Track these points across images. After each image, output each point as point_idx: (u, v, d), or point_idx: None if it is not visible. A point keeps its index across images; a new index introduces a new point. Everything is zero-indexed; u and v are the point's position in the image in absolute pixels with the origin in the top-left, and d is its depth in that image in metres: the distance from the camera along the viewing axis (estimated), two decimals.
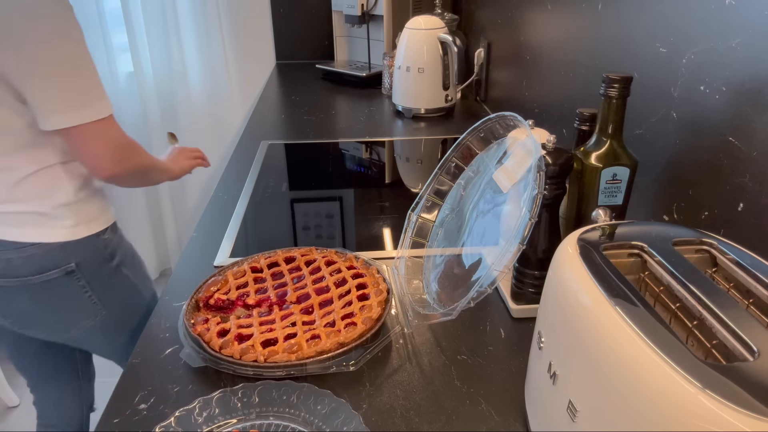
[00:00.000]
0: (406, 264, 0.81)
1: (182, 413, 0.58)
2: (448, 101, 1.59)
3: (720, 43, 0.61)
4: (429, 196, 0.83)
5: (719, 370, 0.33)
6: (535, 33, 1.22)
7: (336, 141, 1.43)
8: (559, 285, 0.47)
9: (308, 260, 0.81)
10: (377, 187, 1.19)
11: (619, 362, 0.37)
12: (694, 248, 0.48)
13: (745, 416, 0.30)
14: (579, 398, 0.42)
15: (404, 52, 1.55)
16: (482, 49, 1.63)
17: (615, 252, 0.48)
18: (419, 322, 0.70)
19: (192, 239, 0.95)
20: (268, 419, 0.59)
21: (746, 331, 0.36)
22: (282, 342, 0.65)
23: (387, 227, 1.00)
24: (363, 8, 1.81)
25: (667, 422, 0.33)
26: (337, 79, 1.98)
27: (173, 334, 0.72)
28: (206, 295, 0.74)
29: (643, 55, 0.77)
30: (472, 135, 0.77)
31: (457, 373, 0.66)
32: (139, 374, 0.66)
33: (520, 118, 0.67)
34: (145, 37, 2.07)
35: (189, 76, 2.16)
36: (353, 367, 0.64)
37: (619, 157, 0.67)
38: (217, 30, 2.13)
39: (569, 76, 1.02)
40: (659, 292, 0.45)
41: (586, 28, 0.95)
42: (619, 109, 0.66)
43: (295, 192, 1.16)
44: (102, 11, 2.00)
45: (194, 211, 2.33)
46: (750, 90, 0.57)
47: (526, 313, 0.74)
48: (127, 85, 2.14)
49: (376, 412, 0.60)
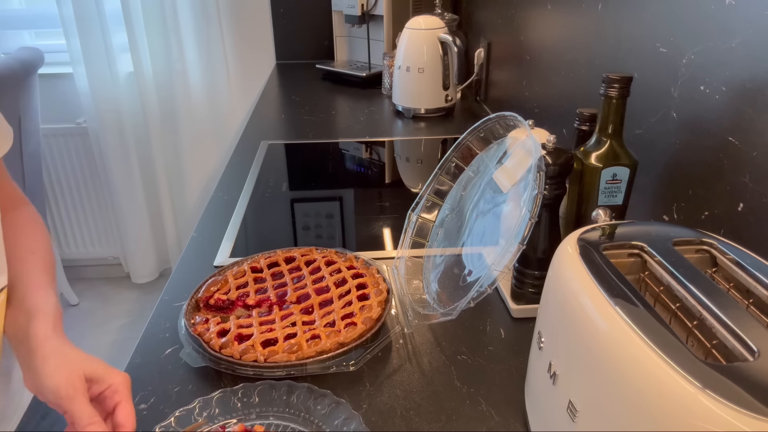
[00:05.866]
0: (406, 264, 0.81)
1: (182, 413, 0.58)
2: (448, 101, 1.59)
3: (720, 43, 0.61)
4: (429, 196, 0.83)
5: (719, 370, 0.33)
6: (535, 33, 1.21)
7: (336, 141, 1.43)
8: (559, 285, 0.47)
9: (308, 260, 0.81)
10: (377, 187, 1.19)
11: (619, 362, 0.37)
12: (694, 248, 0.48)
13: (745, 416, 0.30)
14: (579, 398, 0.42)
15: (404, 52, 1.55)
16: (482, 49, 1.63)
17: (615, 252, 0.48)
18: (419, 322, 0.70)
19: (192, 239, 0.95)
20: (268, 419, 0.59)
21: (746, 331, 0.36)
22: (282, 342, 0.65)
23: (387, 227, 1.00)
24: (363, 8, 1.81)
25: (667, 422, 0.33)
26: (337, 79, 1.98)
27: (173, 334, 0.72)
28: (206, 295, 0.74)
29: (643, 55, 0.77)
30: (472, 135, 0.77)
31: (457, 373, 0.66)
32: (139, 374, 0.66)
33: (520, 118, 0.67)
34: (145, 37, 2.07)
35: (189, 76, 2.16)
36: (353, 367, 0.64)
37: (619, 157, 0.67)
38: (217, 30, 2.13)
39: (569, 76, 1.02)
40: (659, 292, 0.45)
41: (586, 28, 0.95)
42: (619, 109, 0.66)
43: (295, 192, 1.16)
44: (102, 11, 2.00)
45: (194, 211, 2.33)
46: (750, 90, 0.57)
47: (526, 313, 0.74)
48: (127, 85, 2.14)
49: (376, 412, 0.60)
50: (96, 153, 2.24)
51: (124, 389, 0.55)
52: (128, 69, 2.11)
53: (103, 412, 0.54)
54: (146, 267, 2.42)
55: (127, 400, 0.54)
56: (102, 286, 2.48)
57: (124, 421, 0.53)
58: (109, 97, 2.12)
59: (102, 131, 2.16)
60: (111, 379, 0.55)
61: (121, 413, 0.53)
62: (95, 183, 2.35)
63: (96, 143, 2.21)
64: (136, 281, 2.44)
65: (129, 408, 0.54)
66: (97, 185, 2.35)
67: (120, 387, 0.55)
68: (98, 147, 2.21)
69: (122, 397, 0.54)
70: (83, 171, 2.33)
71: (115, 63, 2.08)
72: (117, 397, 0.54)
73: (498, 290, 0.79)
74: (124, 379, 0.55)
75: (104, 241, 2.46)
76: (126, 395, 0.55)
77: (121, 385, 0.55)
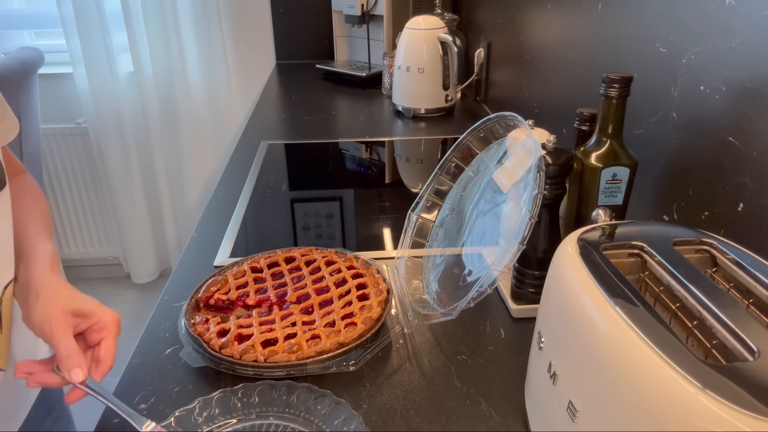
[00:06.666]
0: (406, 264, 0.81)
1: (182, 413, 0.58)
2: (448, 101, 1.59)
3: (720, 43, 0.61)
4: (429, 196, 0.83)
5: (719, 370, 0.33)
6: (535, 33, 1.22)
7: (336, 141, 1.43)
8: (559, 285, 0.47)
9: (308, 260, 0.81)
10: (377, 187, 1.19)
11: (619, 362, 0.37)
12: (694, 248, 0.48)
13: (745, 416, 0.30)
14: (579, 398, 0.42)
15: (404, 52, 1.55)
16: (482, 49, 1.63)
17: (615, 252, 0.48)
18: (419, 322, 0.70)
19: (192, 239, 0.95)
20: (268, 419, 0.59)
21: (746, 331, 0.36)
22: (282, 342, 0.65)
23: (387, 227, 1.00)
24: (363, 8, 1.81)
25: (667, 422, 0.33)
26: (337, 79, 1.98)
27: (173, 334, 0.72)
28: (206, 295, 0.74)
29: (643, 55, 0.77)
30: (472, 135, 0.77)
31: (457, 373, 0.66)
32: (139, 374, 0.66)
33: (520, 118, 0.67)
34: (145, 37, 2.07)
35: (189, 76, 2.16)
36: (353, 367, 0.64)
37: (619, 157, 0.67)
38: (217, 30, 2.13)
39: (569, 76, 1.02)
40: (659, 292, 0.45)
41: (586, 28, 0.95)
42: (619, 109, 0.66)
43: (295, 192, 1.16)
44: (102, 11, 2.00)
45: (194, 211, 2.33)
46: (750, 90, 0.57)
47: (526, 313, 0.74)
48: (127, 85, 2.14)
49: (376, 412, 0.60)
50: (96, 153, 2.24)
51: (112, 326, 0.56)
52: (128, 69, 2.12)
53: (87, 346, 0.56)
54: (146, 267, 2.42)
55: (111, 336, 0.56)
56: (102, 286, 2.48)
57: (104, 356, 0.54)
58: (109, 97, 2.12)
59: (102, 131, 2.16)
60: (100, 315, 0.56)
61: (103, 348, 0.55)
62: (95, 183, 2.35)
63: (96, 143, 2.21)
64: (136, 281, 2.44)
65: (111, 344, 0.56)
66: (97, 185, 2.35)
67: (108, 324, 0.56)
68: (98, 147, 2.21)
69: (108, 334, 0.56)
70: (83, 171, 2.33)
71: (115, 63, 2.08)
72: (103, 333, 0.56)
73: (498, 290, 0.79)
74: (113, 317, 0.57)
75: (104, 241, 2.46)
76: (112, 332, 0.56)
77: (109, 322, 0.56)
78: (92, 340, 0.56)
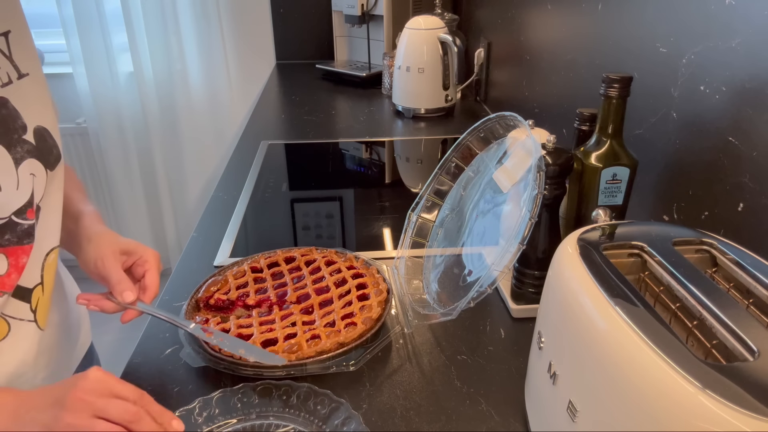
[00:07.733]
0: (406, 264, 0.81)
1: (182, 413, 0.58)
2: (448, 101, 1.59)
3: (720, 43, 0.61)
4: (429, 196, 0.83)
5: (719, 370, 0.33)
6: (535, 33, 1.22)
7: (336, 141, 1.43)
8: (559, 285, 0.47)
9: (308, 260, 0.81)
10: (377, 187, 1.19)
11: (619, 362, 0.37)
12: (694, 248, 0.48)
13: (745, 416, 0.30)
14: (579, 398, 0.42)
15: (404, 52, 1.55)
16: (482, 49, 1.63)
17: (615, 252, 0.48)
18: (419, 322, 0.70)
19: (192, 239, 0.95)
20: (268, 419, 0.59)
21: (746, 331, 0.36)
22: (282, 342, 0.65)
23: (387, 227, 1.00)
24: (363, 8, 1.81)
25: (667, 422, 0.33)
26: (337, 79, 1.98)
27: (173, 334, 0.72)
28: (206, 295, 0.74)
29: (643, 55, 0.77)
30: (472, 135, 0.77)
31: (457, 373, 0.66)
32: (139, 374, 0.66)
33: (520, 118, 0.67)
34: (145, 37, 2.07)
35: (189, 76, 2.16)
36: (353, 367, 0.64)
37: (619, 157, 0.67)
38: (217, 30, 2.13)
39: (569, 76, 1.02)
40: (659, 292, 0.45)
41: (586, 28, 0.95)
42: (619, 109, 0.66)
43: (295, 192, 1.16)
44: (102, 11, 2.00)
45: (194, 211, 2.33)
46: (750, 90, 0.57)
47: (526, 313, 0.74)
48: (127, 85, 2.14)
49: (376, 412, 0.60)
50: (96, 153, 2.24)
51: (153, 261, 0.67)
52: (128, 69, 2.11)
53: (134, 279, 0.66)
54: None
55: (154, 269, 0.66)
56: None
57: (150, 284, 0.65)
58: (109, 97, 2.12)
59: (102, 131, 2.16)
60: (142, 252, 0.67)
61: (147, 278, 0.65)
62: (95, 183, 2.35)
63: (96, 143, 2.21)
64: None
65: (155, 274, 0.66)
66: (97, 185, 2.35)
67: (150, 258, 0.67)
68: (98, 147, 2.21)
69: (150, 266, 0.66)
70: (83, 171, 2.33)
71: (115, 63, 2.08)
72: (146, 266, 0.66)
73: (498, 290, 0.79)
74: (154, 254, 0.67)
75: None
76: (154, 265, 0.67)
77: (151, 257, 0.67)
78: (138, 273, 0.66)
